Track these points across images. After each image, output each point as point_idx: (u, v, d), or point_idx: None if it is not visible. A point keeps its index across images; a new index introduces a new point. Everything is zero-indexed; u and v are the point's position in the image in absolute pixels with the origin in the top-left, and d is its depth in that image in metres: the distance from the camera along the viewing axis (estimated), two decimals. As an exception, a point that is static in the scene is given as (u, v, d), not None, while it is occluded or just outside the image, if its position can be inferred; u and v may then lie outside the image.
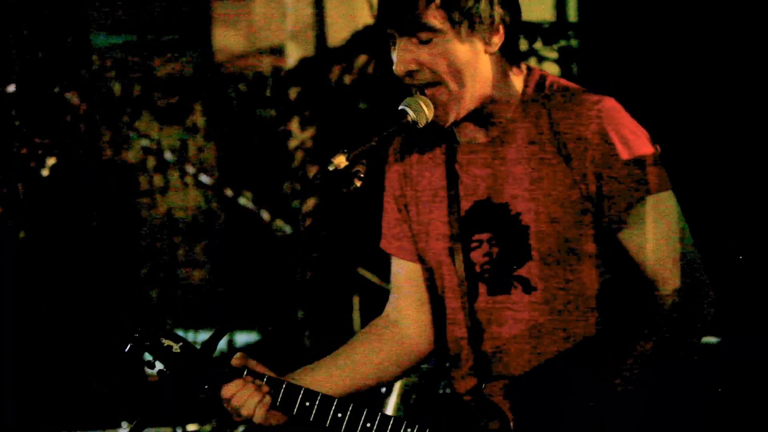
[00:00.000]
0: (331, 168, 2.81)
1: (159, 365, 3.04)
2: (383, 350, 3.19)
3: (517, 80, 3.01)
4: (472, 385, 3.04)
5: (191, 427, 5.68)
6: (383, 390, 4.28)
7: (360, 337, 3.23)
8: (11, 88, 5.97)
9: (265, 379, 3.02)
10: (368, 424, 2.99)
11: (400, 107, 2.93)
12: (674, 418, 2.91)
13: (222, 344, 2.96)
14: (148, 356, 3.04)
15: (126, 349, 3.03)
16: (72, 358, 6.88)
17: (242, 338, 7.65)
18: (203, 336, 6.98)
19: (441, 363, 3.21)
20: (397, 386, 4.25)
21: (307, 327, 7.40)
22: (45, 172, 5.84)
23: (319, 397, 3.00)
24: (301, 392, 3.01)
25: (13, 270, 6.37)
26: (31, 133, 5.84)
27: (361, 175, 2.82)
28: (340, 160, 2.82)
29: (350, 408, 3.00)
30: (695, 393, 2.95)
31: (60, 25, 6.79)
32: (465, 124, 3.02)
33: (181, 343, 3.04)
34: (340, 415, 2.99)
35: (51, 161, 5.81)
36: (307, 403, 3.00)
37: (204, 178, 7.40)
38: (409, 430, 2.98)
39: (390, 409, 4.15)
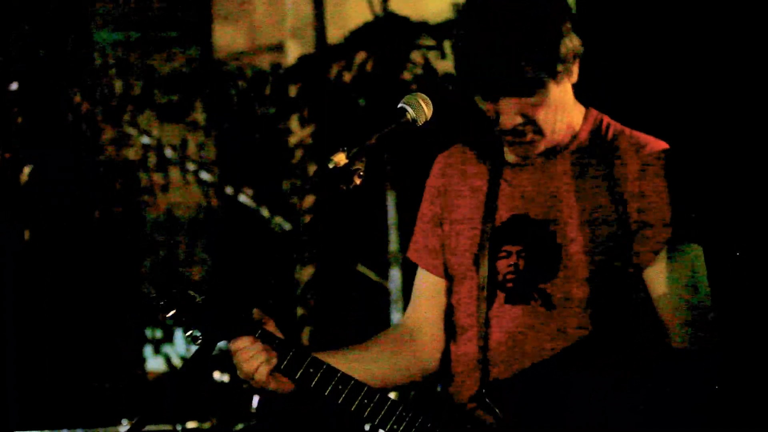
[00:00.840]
0: (331, 166, 2.81)
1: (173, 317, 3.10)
2: (396, 354, 3.21)
3: (576, 108, 3.08)
4: (474, 388, 3.06)
5: (191, 424, 5.68)
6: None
7: (375, 338, 3.24)
8: (13, 86, 5.98)
9: (276, 341, 3.06)
10: (365, 401, 3.02)
11: (400, 105, 2.93)
12: (674, 419, 2.92)
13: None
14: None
15: (153, 295, 3.08)
16: (73, 355, 6.90)
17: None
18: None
19: (441, 364, 3.22)
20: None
21: (306, 323, 7.41)
22: (23, 179, 5.87)
23: (324, 366, 3.04)
24: (308, 359, 3.05)
25: (16, 269, 6.38)
26: (11, 137, 5.86)
27: (361, 173, 2.82)
28: (340, 158, 2.82)
29: (351, 383, 3.03)
30: (695, 393, 2.96)
31: (61, 23, 6.81)
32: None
33: (203, 297, 3.10)
34: (340, 387, 3.03)
35: (27, 169, 5.83)
36: (312, 370, 3.03)
37: (204, 175, 7.42)
38: (404, 413, 3.01)
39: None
